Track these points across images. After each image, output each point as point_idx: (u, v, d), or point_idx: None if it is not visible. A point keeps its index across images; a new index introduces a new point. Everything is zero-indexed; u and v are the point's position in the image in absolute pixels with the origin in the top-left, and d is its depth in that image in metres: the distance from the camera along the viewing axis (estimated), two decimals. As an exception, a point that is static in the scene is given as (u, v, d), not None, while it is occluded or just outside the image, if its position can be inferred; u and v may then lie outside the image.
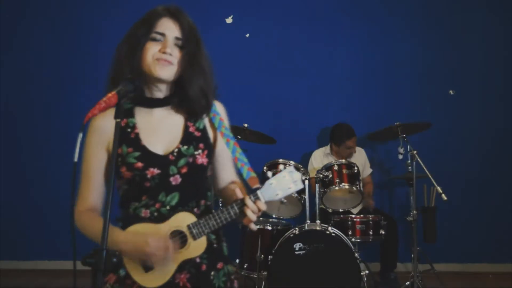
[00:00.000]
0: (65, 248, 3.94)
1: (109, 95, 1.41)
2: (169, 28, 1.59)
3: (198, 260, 1.62)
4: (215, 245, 1.68)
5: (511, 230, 4.85)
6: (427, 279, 4.21)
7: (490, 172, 4.90)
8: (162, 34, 1.58)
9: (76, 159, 1.33)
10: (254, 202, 1.51)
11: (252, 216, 1.51)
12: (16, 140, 5.06)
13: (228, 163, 1.76)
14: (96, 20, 4.94)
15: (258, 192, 1.52)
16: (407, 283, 3.86)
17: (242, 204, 1.52)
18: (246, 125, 4.12)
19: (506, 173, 4.89)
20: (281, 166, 3.91)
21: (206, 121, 1.72)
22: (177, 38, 1.60)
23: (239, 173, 1.67)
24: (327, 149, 4.55)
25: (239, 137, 4.09)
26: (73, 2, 5.03)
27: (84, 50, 4.95)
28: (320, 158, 4.49)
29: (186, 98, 1.63)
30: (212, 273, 1.65)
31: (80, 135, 1.34)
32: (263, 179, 1.65)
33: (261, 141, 4.28)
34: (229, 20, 4.99)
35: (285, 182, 1.53)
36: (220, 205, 3.11)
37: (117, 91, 1.43)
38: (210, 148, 1.69)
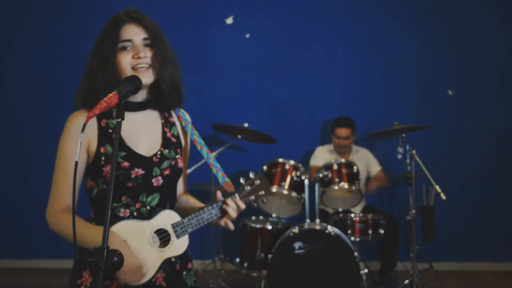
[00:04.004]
0: (65, 247, 3.94)
1: (110, 95, 1.42)
2: (134, 33, 1.61)
3: (173, 259, 1.66)
4: None
5: (509, 229, 4.86)
6: (426, 278, 4.22)
7: (489, 172, 4.91)
8: (130, 41, 1.60)
9: (77, 159, 1.35)
10: (233, 201, 1.67)
11: (233, 213, 1.65)
12: (17, 139, 5.07)
13: (185, 174, 1.83)
14: (96, 20, 4.93)
15: (236, 194, 1.69)
16: (406, 282, 3.88)
17: (223, 203, 1.66)
18: (246, 125, 4.13)
19: (506, 172, 4.91)
20: (280, 166, 3.95)
21: (179, 128, 1.77)
22: (144, 39, 1.61)
23: (214, 178, 1.78)
24: (331, 146, 4.57)
25: (239, 137, 4.10)
26: (74, 2, 5.04)
27: (85, 50, 4.94)
28: (322, 154, 4.51)
29: (160, 94, 1.67)
30: (184, 272, 1.70)
31: (82, 135, 1.36)
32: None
33: (261, 141, 4.29)
34: (229, 20, 5.00)
35: (257, 187, 1.73)
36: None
37: (118, 91, 1.44)
38: (182, 155, 1.75)
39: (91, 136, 1.63)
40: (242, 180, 1.71)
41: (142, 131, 1.67)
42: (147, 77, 1.59)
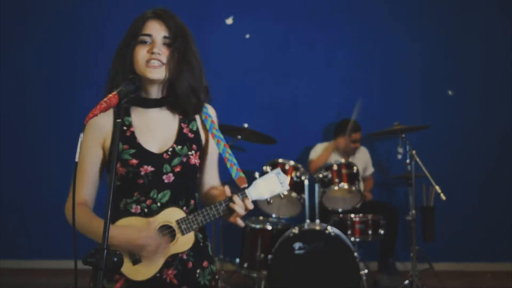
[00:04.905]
0: (66, 248, 3.95)
1: (110, 95, 1.43)
2: (155, 29, 1.62)
3: (185, 257, 1.66)
4: (201, 244, 1.72)
5: (510, 229, 4.86)
6: (426, 278, 4.22)
7: (489, 172, 4.91)
8: (149, 35, 1.61)
9: (77, 159, 1.35)
10: (242, 200, 1.59)
11: (240, 211, 1.58)
12: (17, 140, 5.06)
13: (214, 167, 1.81)
14: (96, 20, 4.95)
15: (246, 190, 1.60)
16: (406, 282, 3.87)
17: (229, 201, 1.59)
18: (246, 125, 4.13)
19: (505, 172, 4.91)
20: (280, 166, 3.94)
21: (199, 123, 1.76)
22: (165, 37, 1.62)
23: (228, 173, 1.71)
24: (331, 145, 4.56)
25: (239, 137, 4.10)
26: (74, 2, 5.04)
27: (84, 50, 4.96)
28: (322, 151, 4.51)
29: (177, 97, 1.66)
30: (198, 271, 1.69)
31: (81, 135, 1.36)
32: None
33: (261, 141, 4.29)
34: (229, 21, 5.00)
35: (272, 183, 1.62)
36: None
37: (118, 92, 1.45)
38: (201, 150, 1.74)
39: (107, 133, 1.66)
40: (257, 175, 1.66)
41: (157, 128, 1.69)
42: (155, 73, 1.59)
